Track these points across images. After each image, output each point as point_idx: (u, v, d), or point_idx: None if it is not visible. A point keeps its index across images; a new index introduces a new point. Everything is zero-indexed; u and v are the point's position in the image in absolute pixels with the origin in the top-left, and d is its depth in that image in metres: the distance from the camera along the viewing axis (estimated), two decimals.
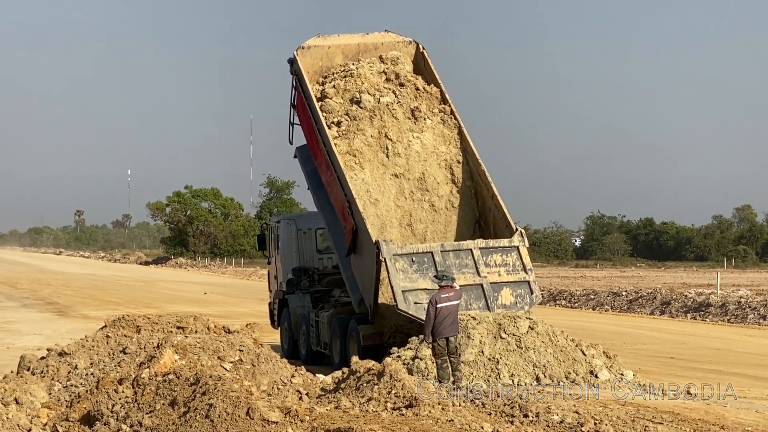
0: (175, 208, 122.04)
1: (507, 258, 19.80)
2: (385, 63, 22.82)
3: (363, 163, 21.44)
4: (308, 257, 25.79)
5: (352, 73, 22.48)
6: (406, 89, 22.32)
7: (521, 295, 19.70)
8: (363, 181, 21.20)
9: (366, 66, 22.65)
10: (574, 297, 46.64)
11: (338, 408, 12.63)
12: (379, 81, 22.50)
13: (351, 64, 22.78)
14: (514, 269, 19.76)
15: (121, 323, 18.24)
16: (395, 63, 22.76)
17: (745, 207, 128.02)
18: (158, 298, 49.47)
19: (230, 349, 15.08)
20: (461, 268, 19.52)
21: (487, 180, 21.09)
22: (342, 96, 22.28)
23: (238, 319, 31.97)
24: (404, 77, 22.47)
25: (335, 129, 21.73)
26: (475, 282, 19.51)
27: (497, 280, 19.63)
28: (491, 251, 19.77)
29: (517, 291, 19.70)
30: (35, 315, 38.61)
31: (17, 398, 13.86)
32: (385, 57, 22.90)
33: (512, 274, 19.75)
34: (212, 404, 11.67)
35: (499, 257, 19.77)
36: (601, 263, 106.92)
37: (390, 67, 22.70)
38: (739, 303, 37.72)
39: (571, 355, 18.67)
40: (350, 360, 19.87)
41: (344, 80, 22.41)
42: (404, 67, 22.77)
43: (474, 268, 19.58)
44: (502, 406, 13.78)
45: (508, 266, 19.75)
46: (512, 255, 19.84)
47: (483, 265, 19.60)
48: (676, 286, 53.29)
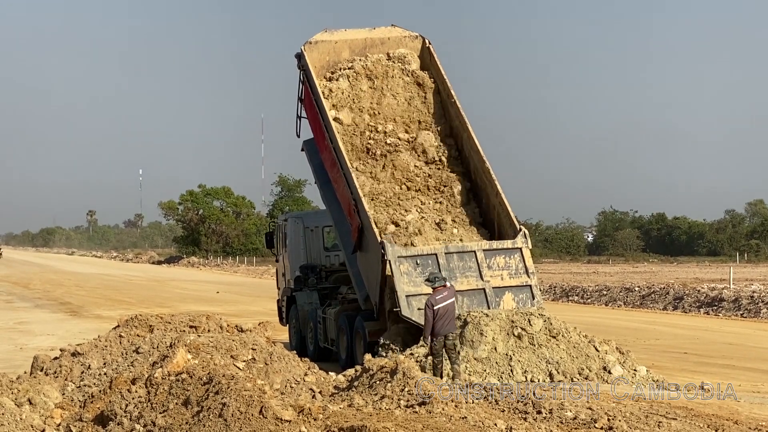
0: (187, 207, 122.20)
1: (510, 260, 19.86)
2: (392, 60, 22.83)
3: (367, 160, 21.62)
4: (315, 255, 25.98)
5: (359, 72, 22.57)
6: (413, 86, 22.41)
7: (523, 300, 19.75)
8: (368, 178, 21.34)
9: (373, 64, 22.68)
10: (586, 293, 46.57)
11: (351, 406, 12.63)
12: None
13: (359, 61, 22.78)
14: (517, 273, 19.83)
15: (133, 323, 18.30)
16: (402, 61, 22.76)
17: (757, 202, 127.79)
18: (171, 298, 49.53)
19: (243, 347, 15.10)
20: (465, 271, 19.60)
21: (492, 177, 21.05)
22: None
23: (250, 317, 32.02)
24: (412, 74, 22.55)
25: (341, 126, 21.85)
26: (477, 287, 19.58)
27: (500, 284, 19.71)
28: (495, 253, 19.83)
29: (519, 296, 19.77)
30: (48, 315, 38.70)
31: (31, 399, 13.89)
32: (393, 55, 22.91)
33: (515, 278, 19.82)
34: (225, 403, 11.67)
35: (502, 260, 19.83)
36: (613, 259, 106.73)
37: (397, 64, 22.73)
38: (752, 298, 37.61)
39: (584, 351, 18.63)
40: (357, 356, 20.07)
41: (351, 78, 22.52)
42: (411, 65, 22.77)
43: (477, 272, 19.63)
44: (515, 403, 13.75)
45: (511, 269, 19.81)
46: (515, 257, 19.90)
47: (486, 268, 19.66)
48: (688, 281, 53.14)
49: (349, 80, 22.49)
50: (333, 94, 22.35)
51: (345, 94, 22.39)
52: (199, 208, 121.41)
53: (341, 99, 22.35)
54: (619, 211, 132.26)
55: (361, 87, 22.45)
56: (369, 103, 22.41)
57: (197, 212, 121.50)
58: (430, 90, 22.55)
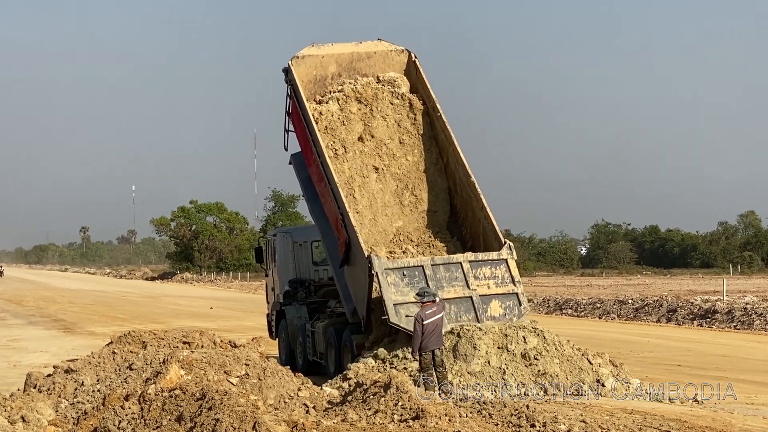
0: (179, 223, 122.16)
1: (496, 271, 20.06)
2: (382, 84, 23.00)
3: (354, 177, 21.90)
4: (304, 269, 26.27)
5: (349, 95, 22.75)
6: (403, 109, 22.60)
7: (510, 307, 19.88)
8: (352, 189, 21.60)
9: (363, 87, 22.83)
10: (580, 306, 46.60)
11: (345, 421, 12.63)
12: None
13: (349, 84, 22.90)
14: (503, 282, 20.00)
15: (127, 339, 18.29)
16: (392, 84, 22.92)
17: (749, 213, 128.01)
18: (164, 314, 49.47)
19: (236, 363, 15.08)
20: (451, 281, 19.79)
21: (477, 191, 21.27)
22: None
23: (244, 333, 31.99)
24: (401, 97, 22.77)
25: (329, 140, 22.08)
26: (464, 294, 19.74)
27: (486, 292, 19.87)
28: (480, 264, 20.04)
29: (505, 303, 19.91)
30: (41, 332, 38.62)
31: (24, 416, 13.87)
32: (383, 78, 23.05)
33: (501, 286, 19.99)
34: (219, 419, 11.67)
35: (488, 270, 20.04)
36: (606, 271, 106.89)
37: (387, 87, 22.90)
38: (746, 309, 37.64)
39: (578, 364, 18.67)
40: (345, 369, 20.28)
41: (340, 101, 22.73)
42: (401, 89, 22.96)
43: (464, 281, 19.84)
44: (509, 416, 13.76)
45: (497, 279, 20.02)
46: (501, 268, 20.10)
47: (472, 278, 19.86)
48: (682, 293, 53.21)
49: (339, 103, 22.67)
50: (323, 117, 22.51)
51: (335, 117, 22.57)
52: (192, 224, 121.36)
53: (331, 122, 22.52)
54: (612, 224, 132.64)
55: (351, 109, 22.62)
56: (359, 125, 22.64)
57: (190, 228, 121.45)
58: (419, 111, 22.72)
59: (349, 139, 22.34)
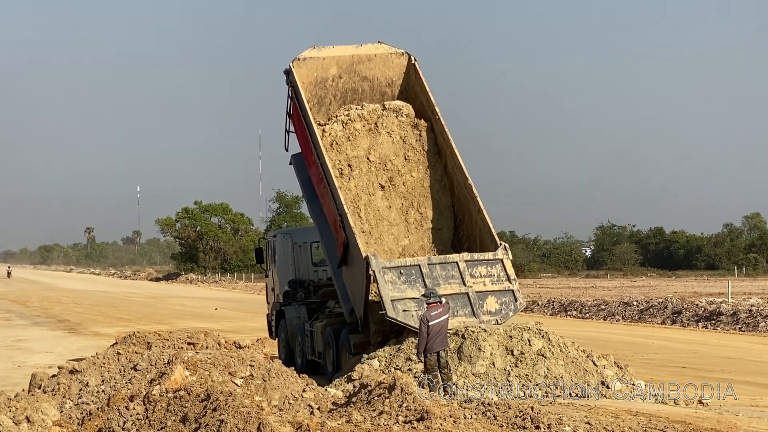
0: (184, 224, 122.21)
1: (492, 270, 20.35)
2: (388, 111, 23.04)
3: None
4: (304, 270, 26.48)
5: (354, 119, 22.83)
6: (408, 125, 22.79)
7: (506, 303, 20.14)
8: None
9: (369, 114, 22.89)
10: (585, 307, 46.56)
11: (350, 422, 12.62)
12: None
13: (354, 109, 22.93)
14: (499, 279, 20.29)
15: (131, 340, 18.32)
16: (398, 113, 22.96)
17: (754, 215, 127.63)
18: (169, 314, 49.49)
19: (241, 364, 15.08)
20: (448, 279, 20.07)
21: (474, 194, 21.48)
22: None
23: (248, 334, 32.02)
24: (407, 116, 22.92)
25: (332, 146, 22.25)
26: (461, 291, 20.01)
27: (482, 289, 20.15)
28: (476, 264, 20.31)
29: (501, 299, 20.18)
30: (46, 333, 38.66)
31: (29, 416, 13.88)
32: (389, 107, 23.11)
33: (497, 284, 20.27)
34: (223, 420, 11.67)
35: (484, 269, 20.33)
36: (611, 273, 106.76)
37: (394, 116, 22.94)
38: (751, 311, 37.61)
39: (583, 366, 18.65)
40: (343, 369, 20.46)
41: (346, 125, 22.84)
42: (405, 118, 23.01)
43: (460, 279, 20.10)
44: (514, 418, 13.76)
45: (493, 277, 20.30)
46: (496, 267, 20.39)
47: (468, 276, 20.14)
48: (687, 295, 53.14)
49: (343, 125, 22.77)
50: (327, 134, 22.61)
51: (339, 135, 22.67)
52: (197, 225, 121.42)
53: (336, 138, 22.63)
54: (617, 226, 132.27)
55: (355, 126, 22.74)
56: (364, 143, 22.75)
57: (195, 229, 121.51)
58: (423, 128, 22.81)
59: (354, 156, 22.43)
